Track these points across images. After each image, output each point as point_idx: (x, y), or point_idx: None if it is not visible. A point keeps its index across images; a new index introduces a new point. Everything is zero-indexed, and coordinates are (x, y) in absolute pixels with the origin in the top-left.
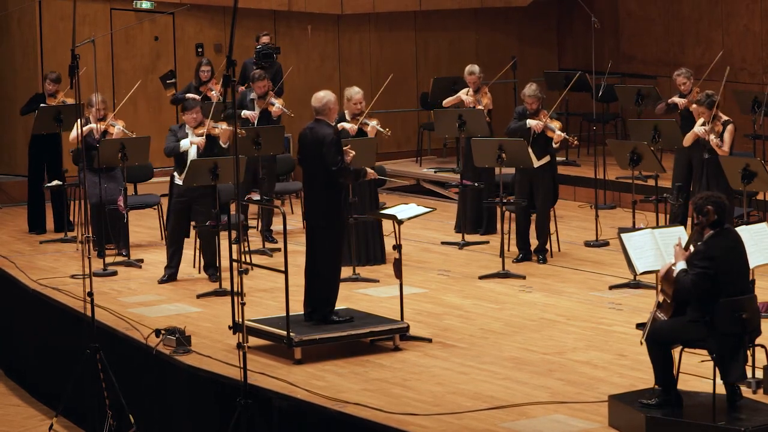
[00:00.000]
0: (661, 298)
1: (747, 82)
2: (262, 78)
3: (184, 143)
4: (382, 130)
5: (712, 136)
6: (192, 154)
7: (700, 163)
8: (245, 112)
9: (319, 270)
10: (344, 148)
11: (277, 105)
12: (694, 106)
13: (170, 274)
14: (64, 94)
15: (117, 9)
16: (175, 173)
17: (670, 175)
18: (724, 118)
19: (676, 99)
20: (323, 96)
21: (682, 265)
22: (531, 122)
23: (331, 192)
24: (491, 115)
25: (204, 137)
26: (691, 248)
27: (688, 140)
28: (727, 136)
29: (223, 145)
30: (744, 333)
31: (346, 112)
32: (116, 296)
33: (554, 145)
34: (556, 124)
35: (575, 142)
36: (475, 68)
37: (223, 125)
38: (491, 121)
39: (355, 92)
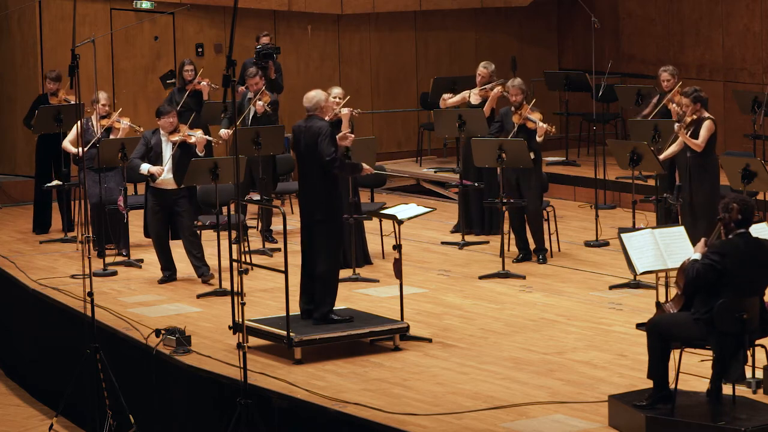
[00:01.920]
0: (673, 291)
1: (747, 82)
2: (253, 75)
3: (143, 168)
4: (353, 110)
5: (681, 129)
6: (166, 158)
7: (684, 163)
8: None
9: (318, 267)
10: (342, 134)
11: (260, 103)
12: (678, 98)
13: (169, 275)
14: (65, 91)
15: (117, 9)
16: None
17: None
18: (705, 114)
19: (645, 112)
20: (314, 95)
21: (696, 256)
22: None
23: (328, 185)
24: (494, 114)
25: (172, 152)
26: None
27: (668, 154)
28: (703, 131)
29: (200, 154)
30: (743, 333)
31: None
32: (116, 296)
33: (538, 139)
34: (536, 116)
35: (553, 130)
36: (488, 65)
37: (199, 132)
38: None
39: (334, 89)
